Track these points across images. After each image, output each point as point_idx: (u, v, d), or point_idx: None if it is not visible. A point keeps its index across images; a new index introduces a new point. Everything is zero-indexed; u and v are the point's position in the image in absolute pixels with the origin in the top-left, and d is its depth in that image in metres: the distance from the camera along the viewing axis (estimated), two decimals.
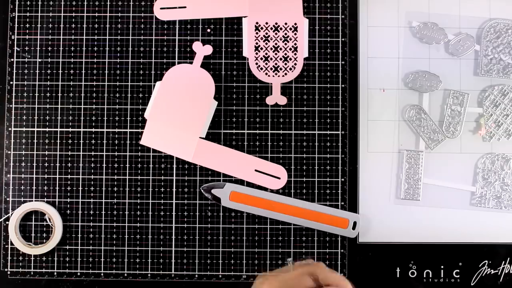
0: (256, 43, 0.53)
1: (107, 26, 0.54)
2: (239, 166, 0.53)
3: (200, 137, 0.53)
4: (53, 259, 0.53)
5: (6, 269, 0.53)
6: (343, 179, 0.54)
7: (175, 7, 0.54)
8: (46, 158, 0.54)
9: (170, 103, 0.53)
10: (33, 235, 0.54)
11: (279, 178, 0.53)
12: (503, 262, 0.53)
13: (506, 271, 0.53)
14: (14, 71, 0.54)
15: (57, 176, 0.54)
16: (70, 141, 0.54)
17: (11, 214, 0.53)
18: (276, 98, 0.53)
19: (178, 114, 0.53)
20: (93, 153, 0.54)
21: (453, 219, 0.53)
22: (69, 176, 0.54)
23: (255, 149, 0.53)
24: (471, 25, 0.54)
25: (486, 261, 0.53)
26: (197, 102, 0.53)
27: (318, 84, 0.54)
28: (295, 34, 0.53)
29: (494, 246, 0.53)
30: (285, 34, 0.53)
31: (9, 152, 0.54)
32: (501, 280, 0.53)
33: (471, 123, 0.54)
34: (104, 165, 0.54)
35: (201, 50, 0.53)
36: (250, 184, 0.53)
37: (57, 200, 0.54)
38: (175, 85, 0.53)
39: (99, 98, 0.54)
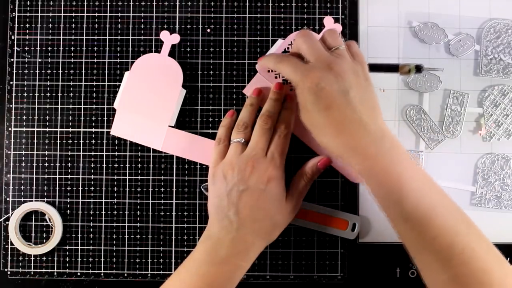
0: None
1: (107, 26, 0.54)
2: (210, 153, 0.52)
3: (170, 126, 0.53)
4: (53, 259, 0.53)
5: (6, 269, 0.53)
6: (343, 179, 0.53)
7: None
8: (46, 158, 0.54)
9: (138, 92, 0.53)
10: (33, 235, 0.54)
11: None
12: None
13: None
14: (14, 71, 0.54)
15: (57, 176, 0.54)
16: (70, 141, 0.54)
17: (11, 214, 0.53)
18: None
19: (146, 103, 0.53)
20: (93, 153, 0.54)
21: None
22: (69, 176, 0.54)
23: None
24: (471, 25, 0.54)
25: None
26: (166, 91, 0.53)
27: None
28: None
29: None
30: None
31: (9, 152, 0.54)
32: None
33: (471, 123, 0.54)
34: (104, 165, 0.54)
35: (169, 39, 0.53)
36: None
37: (57, 200, 0.54)
38: (143, 75, 0.53)
39: (99, 98, 0.54)
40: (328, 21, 0.53)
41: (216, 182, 0.47)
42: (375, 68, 0.49)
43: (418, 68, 0.48)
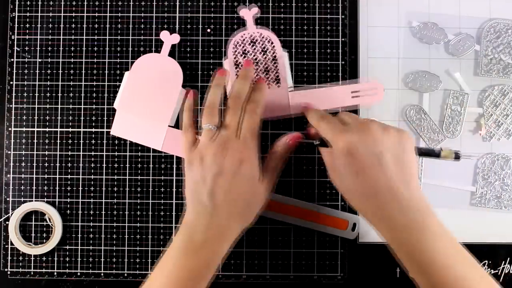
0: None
1: (107, 26, 0.54)
2: None
3: (169, 126, 0.53)
4: (53, 259, 0.53)
5: (6, 269, 0.53)
6: None
7: None
8: (46, 158, 0.54)
9: (138, 92, 0.53)
10: (33, 235, 0.54)
11: None
12: (503, 262, 0.53)
13: (506, 271, 0.53)
14: (14, 71, 0.54)
15: (57, 176, 0.54)
16: (70, 141, 0.54)
17: (11, 214, 0.53)
18: None
19: (146, 103, 0.53)
20: (93, 153, 0.54)
21: (453, 219, 0.53)
22: (69, 176, 0.54)
23: None
24: (471, 25, 0.54)
25: (486, 261, 0.53)
26: (166, 91, 0.53)
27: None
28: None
29: (494, 246, 0.53)
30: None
31: (9, 152, 0.54)
32: (501, 280, 0.53)
33: (471, 123, 0.54)
34: (104, 165, 0.54)
35: (169, 39, 0.53)
36: None
37: (57, 200, 0.54)
38: (143, 75, 0.53)
39: (99, 98, 0.54)
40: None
41: (192, 169, 0.46)
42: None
43: (457, 156, 0.46)
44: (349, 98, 0.53)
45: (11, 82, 0.54)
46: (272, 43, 0.53)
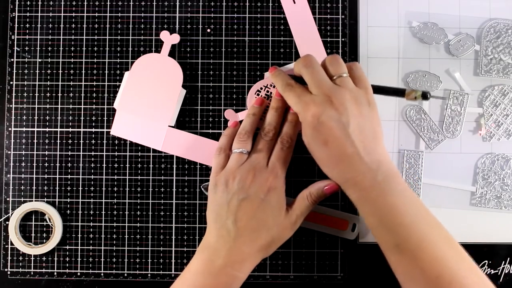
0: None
1: (107, 26, 0.54)
2: (210, 153, 0.53)
3: (170, 126, 0.53)
4: (53, 259, 0.53)
5: (6, 269, 0.53)
6: None
7: None
8: (46, 158, 0.54)
9: (138, 92, 0.53)
10: (33, 235, 0.54)
11: None
12: (503, 262, 0.53)
13: (506, 271, 0.53)
14: (14, 71, 0.54)
15: (57, 176, 0.54)
16: (70, 141, 0.54)
17: (11, 214, 0.53)
18: None
19: (146, 103, 0.53)
20: (93, 153, 0.54)
21: (453, 219, 0.53)
22: (69, 176, 0.54)
23: None
24: (471, 25, 0.54)
25: (486, 261, 0.53)
26: (166, 91, 0.53)
27: None
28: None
29: (494, 246, 0.53)
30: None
31: (9, 152, 0.54)
32: (501, 280, 0.53)
33: (471, 123, 0.54)
34: (104, 165, 0.54)
35: (169, 39, 0.53)
36: None
37: (57, 200, 0.54)
38: (143, 75, 0.53)
39: (99, 98, 0.54)
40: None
41: (217, 191, 0.47)
42: (379, 91, 0.48)
43: (425, 96, 0.46)
44: None
45: (11, 82, 0.54)
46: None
